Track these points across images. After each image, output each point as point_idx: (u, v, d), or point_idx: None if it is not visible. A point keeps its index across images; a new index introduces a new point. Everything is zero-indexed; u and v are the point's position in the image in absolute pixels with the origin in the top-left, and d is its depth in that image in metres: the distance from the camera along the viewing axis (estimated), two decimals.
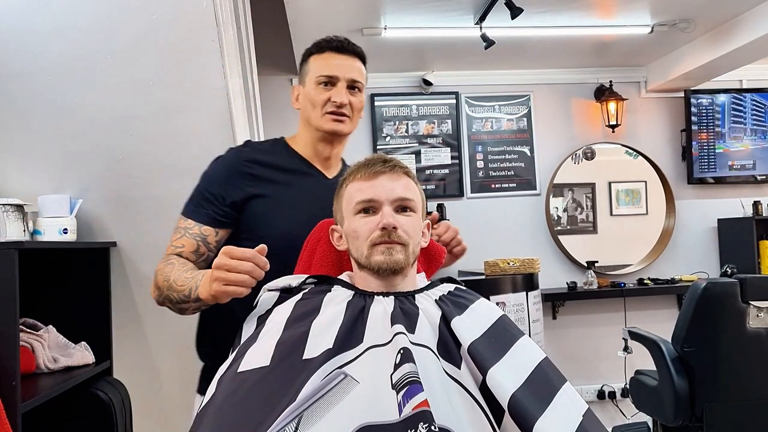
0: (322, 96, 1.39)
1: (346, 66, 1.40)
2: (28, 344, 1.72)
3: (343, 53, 1.41)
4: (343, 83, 1.39)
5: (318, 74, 1.40)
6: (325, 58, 1.41)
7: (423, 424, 0.80)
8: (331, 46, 1.41)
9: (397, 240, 1.11)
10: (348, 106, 1.40)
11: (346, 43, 1.43)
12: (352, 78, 1.40)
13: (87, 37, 1.77)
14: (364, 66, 1.45)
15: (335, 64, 1.40)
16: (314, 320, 1.02)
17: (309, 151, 1.47)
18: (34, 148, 1.88)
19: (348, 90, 1.40)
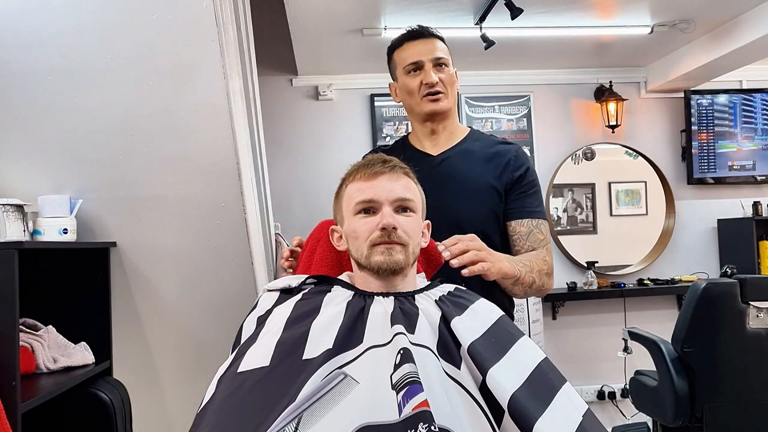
0: (414, 82, 1.53)
1: (427, 48, 1.53)
2: (27, 344, 1.72)
3: (419, 38, 1.54)
4: (429, 64, 1.51)
5: (404, 64, 1.55)
6: (406, 48, 1.56)
7: (423, 424, 0.80)
8: (406, 37, 1.56)
9: (397, 240, 1.11)
10: (440, 83, 1.51)
11: (420, 29, 1.56)
12: (435, 57, 1.52)
13: (87, 38, 1.77)
14: (444, 43, 1.57)
15: (415, 50, 1.53)
16: (314, 320, 1.02)
17: (419, 137, 1.59)
18: (34, 148, 1.88)
19: (435, 68, 1.51)
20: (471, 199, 1.48)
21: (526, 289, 1.43)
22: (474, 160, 1.53)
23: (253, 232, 1.97)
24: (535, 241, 1.50)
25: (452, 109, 1.57)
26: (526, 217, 1.51)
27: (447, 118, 1.57)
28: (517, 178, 1.52)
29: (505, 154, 1.54)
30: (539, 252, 1.50)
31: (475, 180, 1.50)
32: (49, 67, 1.78)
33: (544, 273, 1.47)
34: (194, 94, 1.82)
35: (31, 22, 1.75)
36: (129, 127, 1.84)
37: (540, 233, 1.52)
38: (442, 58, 1.53)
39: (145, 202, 1.92)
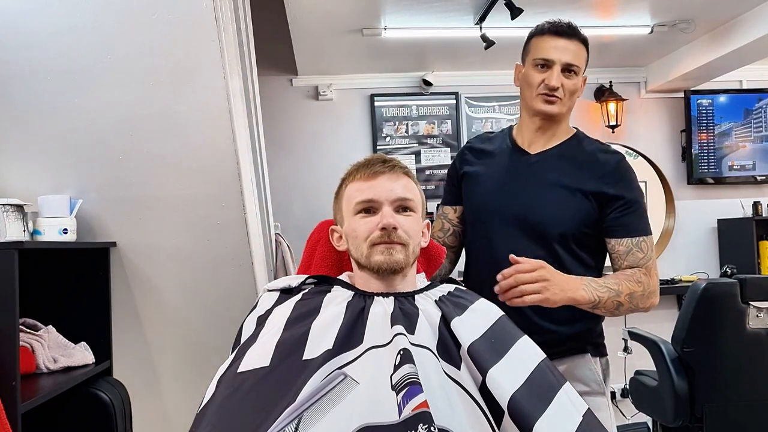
0: (537, 78, 1.47)
1: (562, 49, 1.45)
2: (27, 344, 1.72)
3: (561, 36, 1.47)
4: (558, 66, 1.44)
5: (535, 56, 1.48)
6: (544, 41, 1.48)
7: (423, 425, 0.80)
8: (550, 30, 1.49)
9: (397, 240, 1.11)
10: (561, 89, 1.45)
11: (566, 27, 1.49)
12: (568, 62, 1.45)
13: (87, 38, 1.77)
14: (585, 49, 1.50)
15: (551, 46, 1.46)
16: (314, 321, 1.02)
17: (522, 129, 1.56)
18: (34, 148, 1.88)
19: (564, 73, 1.45)
20: (556, 203, 1.44)
21: (612, 312, 1.38)
22: (568, 164, 1.48)
23: (253, 232, 1.97)
24: (634, 261, 1.44)
25: (565, 114, 1.52)
26: (625, 236, 1.45)
27: (556, 122, 1.52)
28: (615, 194, 1.45)
29: (604, 165, 1.48)
30: (635, 272, 1.43)
31: (564, 184, 1.45)
32: (49, 67, 1.78)
33: (638, 295, 1.40)
34: (194, 94, 1.82)
35: (31, 22, 1.74)
36: (129, 127, 1.84)
37: (640, 251, 1.45)
38: (573, 65, 1.46)
39: (145, 202, 1.92)
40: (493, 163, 1.55)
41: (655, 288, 1.44)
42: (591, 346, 1.51)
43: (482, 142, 1.63)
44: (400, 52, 3.76)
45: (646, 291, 1.41)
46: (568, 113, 1.52)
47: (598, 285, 1.35)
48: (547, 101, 1.46)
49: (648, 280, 1.42)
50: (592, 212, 1.45)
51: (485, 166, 1.55)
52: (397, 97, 4.20)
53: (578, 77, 1.48)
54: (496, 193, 1.49)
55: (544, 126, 1.51)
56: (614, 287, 1.36)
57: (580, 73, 1.48)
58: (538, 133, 1.52)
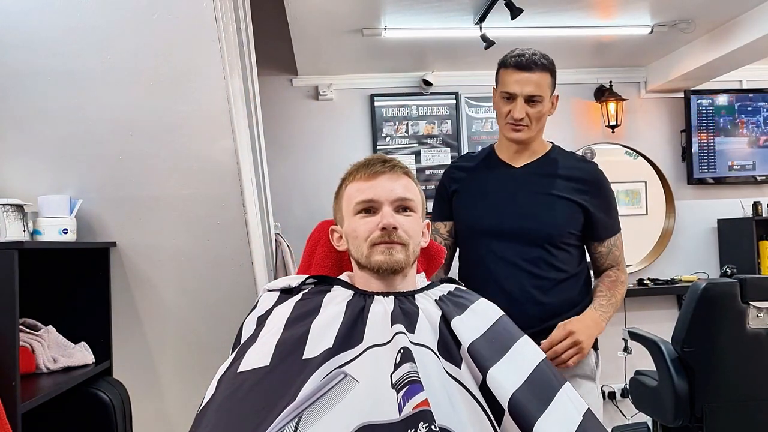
0: (503, 109, 1.61)
1: (524, 82, 1.56)
2: (27, 344, 1.72)
3: (523, 70, 1.57)
4: (520, 98, 1.57)
5: (501, 89, 1.61)
6: (508, 74, 1.60)
7: (423, 423, 0.80)
8: (513, 64, 1.59)
9: (397, 240, 1.11)
10: (526, 118, 1.58)
11: (526, 60, 1.57)
12: (529, 94, 1.56)
13: (87, 38, 1.77)
14: (550, 74, 1.62)
15: (514, 80, 1.58)
16: (314, 320, 1.02)
17: (503, 148, 1.70)
18: (34, 149, 1.88)
19: (528, 103, 1.57)
20: (546, 209, 1.59)
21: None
22: (553, 174, 1.64)
23: (253, 232, 1.97)
24: (613, 260, 1.67)
25: (536, 135, 1.65)
26: (605, 238, 1.65)
27: (529, 142, 1.65)
28: (597, 203, 1.62)
29: (584, 174, 1.64)
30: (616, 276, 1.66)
31: (550, 192, 1.61)
32: (49, 68, 1.78)
33: (622, 293, 1.65)
34: (194, 94, 1.82)
35: (31, 22, 1.74)
36: (129, 127, 1.84)
37: (616, 249, 1.68)
38: (536, 96, 1.58)
39: (145, 202, 1.92)
40: (481, 179, 1.68)
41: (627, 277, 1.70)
42: None
43: (468, 161, 1.77)
44: (400, 52, 3.76)
45: (625, 285, 1.67)
46: (539, 133, 1.67)
47: (607, 307, 1.59)
48: (515, 130, 1.60)
49: (623, 275, 1.68)
50: (578, 216, 1.61)
51: (474, 182, 1.69)
52: (397, 97, 4.20)
53: (543, 104, 1.60)
54: (488, 206, 1.63)
55: (520, 146, 1.66)
56: (612, 300, 1.61)
57: (544, 100, 1.60)
58: (517, 152, 1.67)
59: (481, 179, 1.69)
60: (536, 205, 1.60)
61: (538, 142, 1.69)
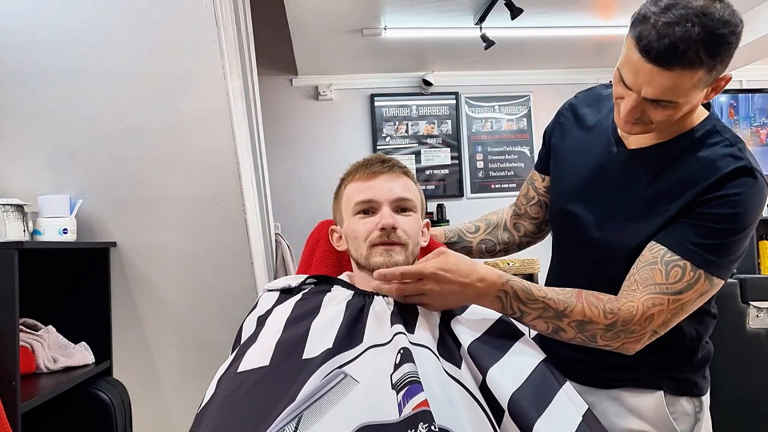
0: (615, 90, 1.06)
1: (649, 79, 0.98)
2: (27, 344, 1.72)
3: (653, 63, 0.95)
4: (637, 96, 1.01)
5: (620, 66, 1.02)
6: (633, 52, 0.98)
7: (423, 423, 0.79)
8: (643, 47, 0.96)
9: (396, 240, 1.11)
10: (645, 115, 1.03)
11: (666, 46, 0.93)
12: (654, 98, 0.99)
13: (87, 38, 1.77)
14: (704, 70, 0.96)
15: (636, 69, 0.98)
16: (314, 320, 1.02)
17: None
18: (34, 149, 1.88)
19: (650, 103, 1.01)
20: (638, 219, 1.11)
21: (551, 335, 1.08)
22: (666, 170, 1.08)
23: (253, 232, 1.97)
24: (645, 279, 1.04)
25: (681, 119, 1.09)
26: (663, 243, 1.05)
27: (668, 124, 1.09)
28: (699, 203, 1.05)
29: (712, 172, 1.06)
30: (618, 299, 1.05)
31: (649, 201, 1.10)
32: (49, 68, 1.79)
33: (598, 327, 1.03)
34: (194, 94, 1.82)
35: (31, 22, 1.75)
36: (129, 127, 1.85)
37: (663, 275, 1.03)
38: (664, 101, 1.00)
39: (145, 202, 1.93)
40: (586, 145, 1.20)
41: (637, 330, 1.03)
42: (670, 382, 1.22)
43: (589, 105, 1.28)
44: (400, 52, 3.76)
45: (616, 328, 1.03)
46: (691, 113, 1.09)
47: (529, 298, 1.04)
48: (627, 122, 1.06)
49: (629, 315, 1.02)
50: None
51: (576, 146, 1.22)
52: (397, 97, 4.20)
53: (677, 108, 1.01)
54: (574, 192, 1.19)
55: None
56: (558, 306, 1.04)
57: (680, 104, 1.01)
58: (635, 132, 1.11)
59: (584, 146, 1.21)
60: (623, 211, 1.11)
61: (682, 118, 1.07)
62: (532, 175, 1.39)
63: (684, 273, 1.02)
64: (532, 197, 1.38)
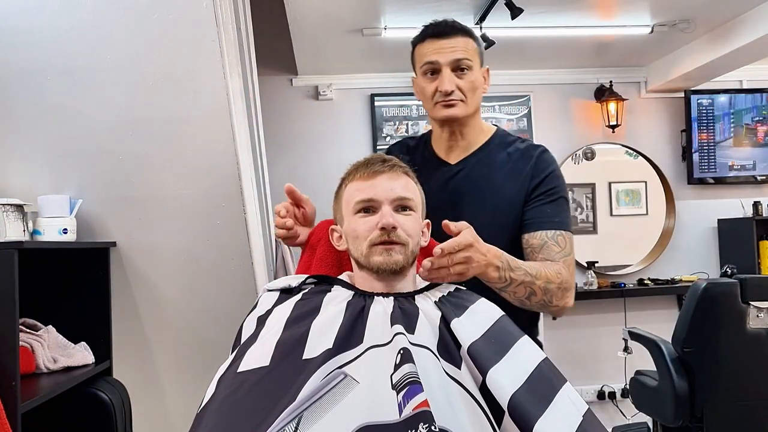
0: (429, 88, 1.38)
1: (447, 49, 1.36)
2: (27, 344, 1.72)
3: (443, 37, 1.38)
4: (447, 68, 1.36)
5: (421, 64, 1.40)
6: (425, 47, 1.40)
7: (423, 424, 0.80)
8: (428, 33, 1.40)
9: (396, 240, 1.11)
10: (457, 91, 1.36)
11: (444, 26, 1.39)
12: (455, 59, 1.36)
13: (87, 38, 1.77)
14: (473, 40, 1.41)
15: (434, 49, 1.37)
16: (314, 320, 1.02)
17: (437, 140, 1.47)
18: (34, 148, 1.88)
19: (456, 72, 1.36)
20: (489, 219, 1.34)
21: (521, 299, 1.26)
22: (494, 170, 1.40)
23: (253, 232, 1.97)
24: (548, 255, 1.31)
25: (473, 115, 1.42)
26: (540, 229, 1.34)
27: (466, 125, 1.42)
28: (536, 186, 1.38)
29: (528, 160, 1.40)
30: (555, 263, 1.30)
31: (493, 195, 1.38)
32: (49, 67, 1.79)
33: (554, 288, 1.26)
34: (194, 94, 1.82)
35: (32, 22, 1.75)
36: (129, 127, 1.85)
37: (556, 245, 1.32)
38: (462, 60, 1.36)
39: (145, 202, 1.92)
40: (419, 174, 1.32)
41: (572, 286, 1.31)
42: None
43: (407, 151, 1.51)
44: (400, 52, 3.75)
45: (563, 286, 1.28)
46: (476, 113, 1.43)
47: (515, 266, 1.22)
48: (447, 105, 1.37)
49: (567, 275, 1.30)
50: (518, 222, 1.37)
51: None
52: (397, 97, 4.20)
53: (473, 72, 1.38)
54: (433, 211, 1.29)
55: (455, 133, 1.43)
56: (531, 271, 1.24)
57: (474, 67, 1.38)
58: (452, 142, 1.44)
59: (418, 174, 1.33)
60: (475, 216, 1.27)
61: (476, 128, 1.44)
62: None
63: (565, 239, 1.35)
64: None
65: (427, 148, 1.50)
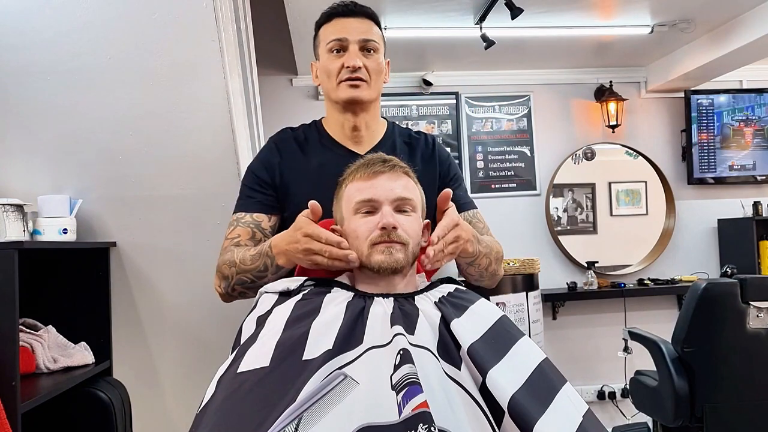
0: (335, 64, 1.34)
1: (356, 28, 1.34)
2: (27, 344, 1.72)
3: (351, 16, 1.36)
4: (354, 46, 1.33)
5: (328, 41, 1.36)
6: (334, 24, 1.37)
7: (423, 425, 0.79)
8: (337, 12, 1.37)
9: (396, 240, 1.11)
10: (363, 69, 1.33)
11: (353, 5, 1.37)
12: (364, 38, 1.34)
13: (88, 37, 1.77)
14: (379, 28, 1.40)
15: (343, 27, 1.35)
16: (314, 321, 1.02)
17: (337, 129, 1.42)
18: (34, 148, 1.88)
19: (362, 52, 1.34)
20: None
21: (480, 272, 1.31)
22: (404, 159, 1.34)
23: None
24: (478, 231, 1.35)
25: (375, 102, 1.41)
26: (462, 210, 1.36)
27: (368, 112, 1.39)
28: (446, 172, 1.44)
29: (429, 147, 1.45)
30: (489, 236, 1.39)
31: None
32: (49, 67, 1.79)
33: (499, 257, 1.36)
34: (194, 94, 1.82)
35: (32, 22, 1.75)
36: (129, 127, 1.85)
37: (479, 222, 1.42)
38: (371, 41, 1.34)
39: (145, 202, 1.93)
40: (319, 169, 1.35)
41: (502, 256, 1.39)
42: None
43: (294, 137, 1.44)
44: (400, 52, 3.76)
45: (500, 255, 1.37)
46: (377, 102, 1.41)
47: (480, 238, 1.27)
48: (352, 86, 1.32)
49: (498, 245, 1.38)
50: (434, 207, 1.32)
51: (309, 170, 1.36)
52: (397, 96, 4.20)
53: (379, 56, 1.36)
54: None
55: (359, 123, 1.38)
56: (486, 241, 1.30)
57: (379, 51, 1.36)
58: (356, 132, 1.39)
59: (318, 169, 1.34)
60: None
61: (377, 118, 1.44)
62: (254, 217, 1.33)
63: (480, 216, 1.45)
64: (259, 240, 1.32)
65: (322, 135, 1.43)
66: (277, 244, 1.20)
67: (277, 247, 1.20)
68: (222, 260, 1.30)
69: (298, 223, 1.15)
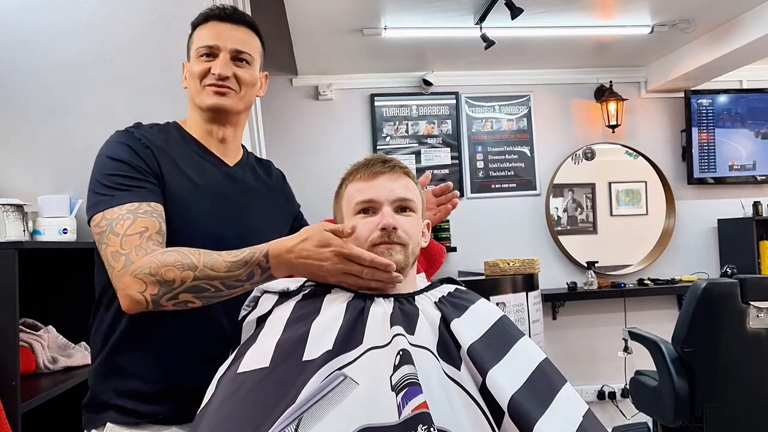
0: (199, 68, 1.22)
1: (231, 36, 1.23)
2: (27, 344, 1.72)
3: (228, 21, 1.25)
4: (225, 54, 1.22)
5: (199, 45, 1.24)
6: (208, 28, 1.25)
7: (422, 425, 0.79)
8: (214, 15, 1.25)
9: (396, 240, 1.11)
10: (233, 79, 1.22)
11: (232, 11, 1.26)
12: (236, 48, 1.23)
13: (88, 37, 1.77)
14: (259, 39, 1.29)
15: (217, 32, 1.23)
16: (314, 321, 1.02)
17: (201, 134, 1.28)
18: (34, 148, 1.88)
19: (234, 62, 1.23)
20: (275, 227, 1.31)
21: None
22: (260, 179, 1.36)
23: None
24: None
25: (243, 114, 1.29)
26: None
27: (235, 126, 1.29)
28: (297, 208, 1.48)
29: (278, 178, 1.46)
30: None
31: (273, 202, 1.37)
32: (49, 67, 1.79)
33: None
34: None
35: (32, 21, 1.75)
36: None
37: None
38: (244, 53, 1.24)
39: None
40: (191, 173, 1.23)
41: None
42: None
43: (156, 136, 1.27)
44: (400, 52, 3.76)
45: None
46: (246, 114, 1.30)
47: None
48: (218, 92, 1.21)
49: None
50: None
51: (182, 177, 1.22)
52: (397, 97, 4.21)
53: (253, 69, 1.26)
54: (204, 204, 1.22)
55: (226, 135, 1.28)
56: None
57: (254, 65, 1.27)
58: (224, 144, 1.29)
59: (200, 175, 1.24)
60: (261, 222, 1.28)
61: (239, 137, 1.33)
62: (154, 206, 1.16)
63: None
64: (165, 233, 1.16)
65: (187, 139, 1.29)
66: (279, 254, 1.07)
67: (278, 257, 1.08)
68: (158, 261, 1.06)
69: (324, 239, 1.06)
